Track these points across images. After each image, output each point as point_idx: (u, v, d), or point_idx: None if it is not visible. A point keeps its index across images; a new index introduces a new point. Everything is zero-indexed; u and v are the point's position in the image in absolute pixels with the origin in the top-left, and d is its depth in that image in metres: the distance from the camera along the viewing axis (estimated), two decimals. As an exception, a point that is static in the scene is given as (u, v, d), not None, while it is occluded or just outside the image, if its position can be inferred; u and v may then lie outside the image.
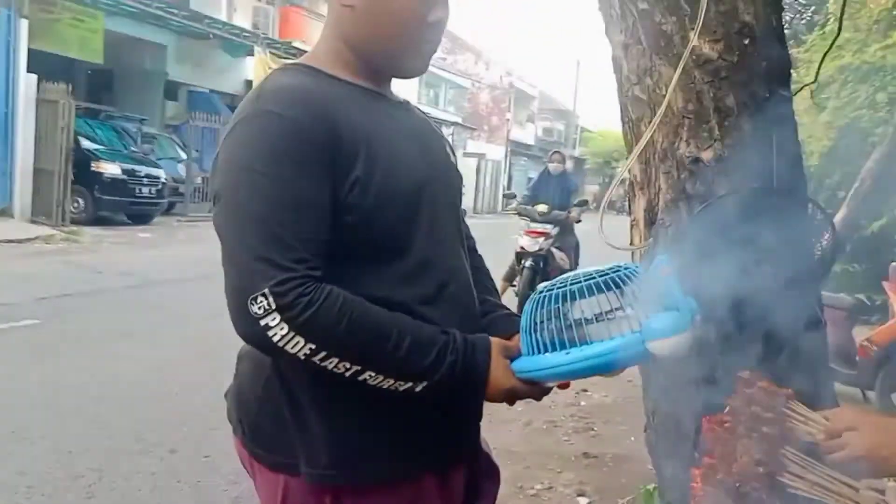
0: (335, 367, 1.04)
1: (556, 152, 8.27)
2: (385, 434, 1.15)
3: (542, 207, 7.27)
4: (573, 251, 7.62)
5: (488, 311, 1.35)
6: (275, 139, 1.04)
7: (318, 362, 1.04)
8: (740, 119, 1.69)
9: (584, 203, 7.65)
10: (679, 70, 1.67)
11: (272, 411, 1.16)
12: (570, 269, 5.90)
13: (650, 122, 1.78)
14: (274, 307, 1.00)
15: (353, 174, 1.08)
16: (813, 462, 1.11)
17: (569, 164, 10.18)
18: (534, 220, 7.23)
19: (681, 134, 1.75)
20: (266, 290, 0.99)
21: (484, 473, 1.35)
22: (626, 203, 2.01)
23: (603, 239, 1.62)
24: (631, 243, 1.95)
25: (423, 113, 1.36)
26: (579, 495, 3.37)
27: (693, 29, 1.67)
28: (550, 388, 1.18)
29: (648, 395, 1.97)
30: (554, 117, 43.28)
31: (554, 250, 7.23)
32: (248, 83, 17.22)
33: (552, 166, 7.84)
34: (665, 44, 1.76)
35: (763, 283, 1.41)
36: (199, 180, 15.47)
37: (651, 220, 1.83)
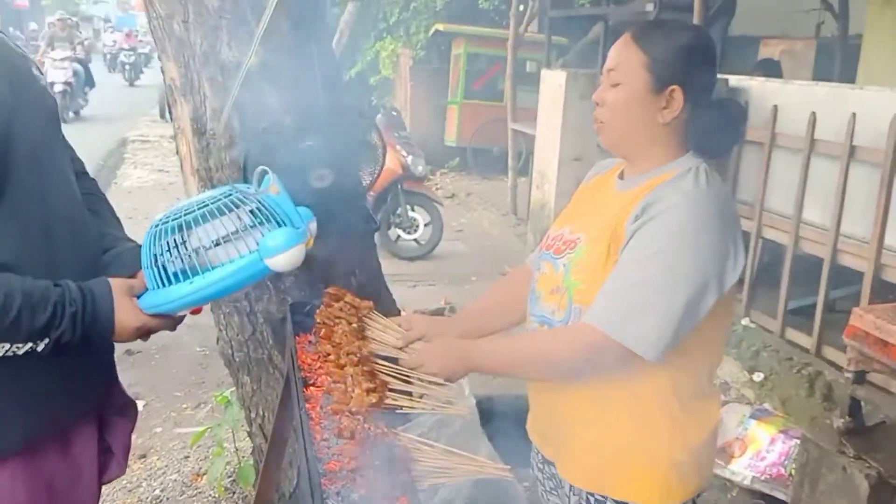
0: None
1: None
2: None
3: None
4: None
5: (109, 246, 1.25)
6: None
7: None
8: (279, 20, 1.65)
9: None
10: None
11: None
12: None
13: (183, 20, 1.65)
14: None
15: None
16: (409, 375, 1.23)
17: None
18: None
19: (220, 36, 1.65)
20: None
21: (117, 409, 1.30)
22: (167, 109, 1.84)
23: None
24: (177, 153, 1.80)
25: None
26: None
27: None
28: (183, 317, 1.16)
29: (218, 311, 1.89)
30: None
31: None
32: None
33: None
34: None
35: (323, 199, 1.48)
36: None
37: (200, 130, 1.71)
